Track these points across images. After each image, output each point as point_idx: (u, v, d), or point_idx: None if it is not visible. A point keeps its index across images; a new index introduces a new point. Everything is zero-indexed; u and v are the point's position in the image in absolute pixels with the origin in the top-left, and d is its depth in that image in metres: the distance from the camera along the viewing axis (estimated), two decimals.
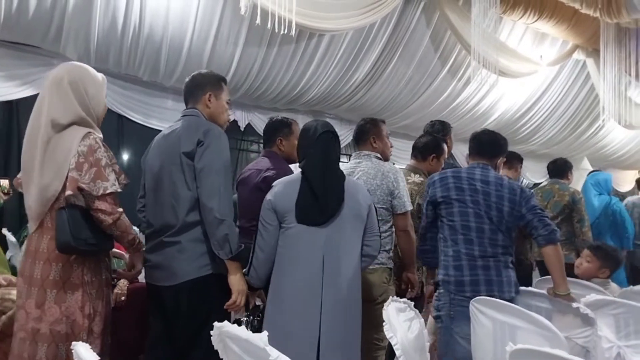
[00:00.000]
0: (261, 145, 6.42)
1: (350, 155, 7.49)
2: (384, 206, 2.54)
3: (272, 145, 2.66)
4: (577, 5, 5.62)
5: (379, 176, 2.55)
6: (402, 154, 7.43)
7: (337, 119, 6.49)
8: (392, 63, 5.62)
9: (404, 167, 3.15)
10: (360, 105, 6.06)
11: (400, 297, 1.86)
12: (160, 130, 4.94)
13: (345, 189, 2.02)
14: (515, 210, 2.31)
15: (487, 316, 1.94)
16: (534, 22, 5.85)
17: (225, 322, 1.14)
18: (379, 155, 2.68)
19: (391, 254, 2.61)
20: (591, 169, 9.14)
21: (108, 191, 1.82)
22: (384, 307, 1.63)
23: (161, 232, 2.03)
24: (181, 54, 4.35)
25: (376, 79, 5.70)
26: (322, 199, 1.97)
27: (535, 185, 9.85)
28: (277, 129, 2.68)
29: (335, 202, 1.99)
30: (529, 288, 2.36)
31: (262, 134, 5.59)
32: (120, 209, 1.88)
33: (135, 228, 2.08)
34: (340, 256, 1.98)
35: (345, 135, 6.72)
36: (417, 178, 2.99)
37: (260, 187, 2.41)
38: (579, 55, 6.97)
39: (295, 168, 2.32)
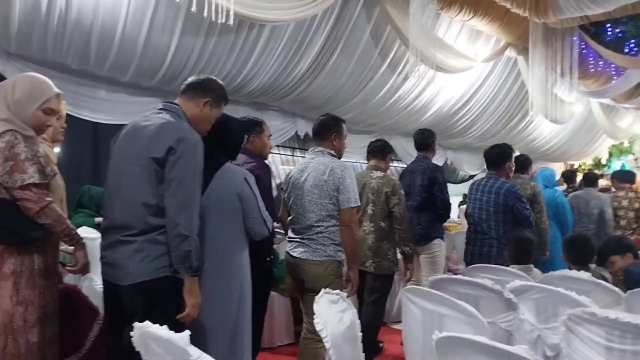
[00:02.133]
0: None
1: (293, 148, 7.57)
2: (330, 201, 2.63)
3: (246, 143, 2.75)
4: (508, 5, 5.86)
5: (327, 172, 2.64)
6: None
7: (280, 111, 6.46)
8: (334, 56, 5.65)
9: (352, 160, 3.41)
10: (304, 98, 6.07)
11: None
12: (93, 122, 4.71)
13: (213, 179, 2.09)
14: None
15: (416, 305, 2.01)
16: (469, 20, 6.05)
17: (147, 322, 1.11)
18: (332, 152, 2.78)
19: (340, 247, 2.69)
20: None
21: (26, 182, 1.90)
22: (315, 299, 1.65)
23: (119, 230, 1.99)
24: (113, 41, 4.17)
25: (318, 71, 5.71)
26: None
27: (471, 177, 10.28)
28: (250, 127, 2.82)
29: None
30: (458, 276, 2.45)
31: None
32: (49, 198, 1.95)
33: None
34: (205, 242, 2.04)
35: (289, 128, 6.71)
36: (379, 173, 3.46)
37: None
38: (510, 53, 7.29)
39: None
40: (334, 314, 1.63)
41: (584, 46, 8.12)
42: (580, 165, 12.65)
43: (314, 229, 2.65)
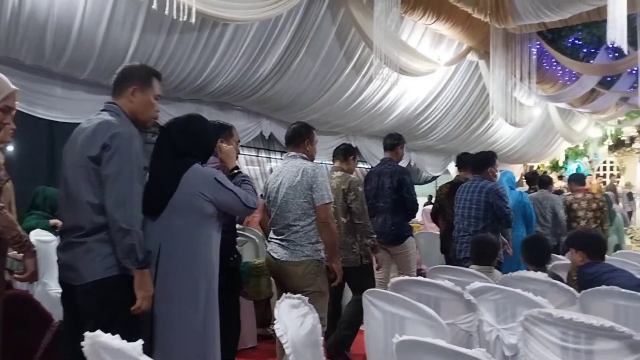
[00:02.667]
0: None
1: (257, 149, 7.49)
2: (305, 200, 2.77)
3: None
4: (470, 10, 5.98)
5: (300, 173, 2.78)
6: None
7: (244, 111, 6.40)
8: (299, 57, 5.64)
9: (317, 162, 3.46)
10: (268, 98, 6.03)
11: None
12: (49, 121, 4.57)
13: (182, 182, 2.06)
14: None
15: (378, 308, 2.01)
16: (432, 24, 6.15)
17: (98, 331, 1.07)
18: (304, 156, 2.92)
19: (318, 246, 2.80)
20: None
21: None
22: (276, 305, 1.63)
23: (71, 231, 1.99)
24: (70, 37, 4.03)
25: (283, 72, 5.69)
26: (152, 191, 2.05)
27: (434, 178, 10.46)
28: (218, 132, 2.76)
29: (161, 194, 2.06)
30: (419, 278, 2.47)
31: (160, 125, 5.48)
32: (1, 204, 1.86)
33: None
34: (173, 243, 2.04)
35: (254, 128, 6.66)
36: (339, 173, 3.58)
37: None
38: (472, 57, 7.45)
39: None
40: (294, 319, 1.62)
41: (542, 52, 8.38)
42: (538, 167, 13.06)
43: (292, 229, 2.77)
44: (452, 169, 9.53)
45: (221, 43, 4.91)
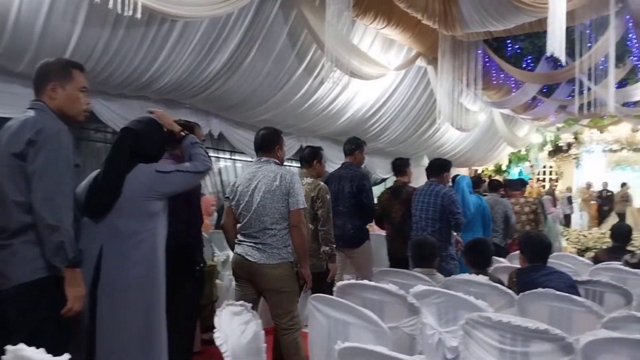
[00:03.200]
0: (107, 135, 6.00)
1: (206, 148, 7.32)
2: (283, 204, 2.87)
3: (175, 148, 2.69)
4: (419, 16, 6.10)
5: (277, 178, 2.89)
6: None
7: (193, 109, 6.25)
8: (250, 56, 5.56)
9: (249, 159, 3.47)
10: (218, 97, 5.91)
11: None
12: None
13: (126, 183, 2.05)
14: None
15: (322, 313, 2.01)
16: (383, 28, 6.22)
17: (21, 344, 1.01)
18: (277, 161, 3.04)
19: (290, 249, 2.94)
20: None
21: None
22: (217, 313, 1.60)
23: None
24: (5, 27, 3.79)
25: (234, 70, 5.59)
26: (98, 192, 2.06)
27: (383, 180, 10.61)
28: (165, 136, 2.76)
29: (106, 196, 2.05)
30: (364, 281, 2.49)
31: (104, 122, 5.28)
32: None
33: None
34: (116, 244, 2.04)
35: (203, 126, 6.45)
36: (308, 180, 3.64)
37: None
38: (421, 62, 7.61)
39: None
40: (235, 327, 1.58)
41: (487, 59, 8.67)
42: (483, 171, 13.53)
43: (268, 232, 2.87)
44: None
45: (169, 39, 4.77)
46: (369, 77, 6.59)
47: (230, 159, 7.67)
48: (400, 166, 4.83)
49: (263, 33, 5.47)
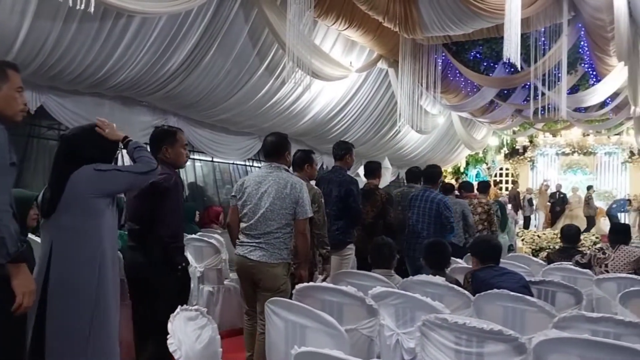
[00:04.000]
0: (60, 132, 5.77)
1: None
2: (290, 212, 2.98)
3: (158, 153, 2.75)
4: (380, 19, 6.15)
5: (288, 186, 2.98)
6: (220, 148, 7.32)
7: (150, 107, 6.10)
8: (210, 54, 5.47)
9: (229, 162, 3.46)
10: (176, 95, 5.79)
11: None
12: None
13: (69, 183, 2.14)
14: None
15: (279, 317, 1.97)
16: (344, 30, 6.25)
17: None
18: (287, 168, 3.14)
19: (289, 251, 3.03)
20: (390, 167, 10.20)
21: None
22: (170, 317, 1.55)
23: None
24: None
25: (193, 68, 5.49)
26: (44, 193, 2.21)
27: None
28: (162, 138, 2.82)
29: (51, 196, 2.15)
30: (323, 283, 2.47)
31: (56, 119, 5.07)
32: None
33: None
34: (63, 240, 2.12)
35: (160, 125, 6.34)
36: None
37: (147, 192, 2.55)
38: (382, 65, 7.68)
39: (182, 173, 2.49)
40: (190, 333, 1.53)
41: (447, 63, 8.84)
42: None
43: (273, 235, 2.96)
44: (362, 172, 9.77)
45: (126, 35, 4.63)
46: (331, 78, 6.59)
47: (190, 158, 7.53)
48: (373, 170, 4.95)
49: (223, 31, 5.39)
